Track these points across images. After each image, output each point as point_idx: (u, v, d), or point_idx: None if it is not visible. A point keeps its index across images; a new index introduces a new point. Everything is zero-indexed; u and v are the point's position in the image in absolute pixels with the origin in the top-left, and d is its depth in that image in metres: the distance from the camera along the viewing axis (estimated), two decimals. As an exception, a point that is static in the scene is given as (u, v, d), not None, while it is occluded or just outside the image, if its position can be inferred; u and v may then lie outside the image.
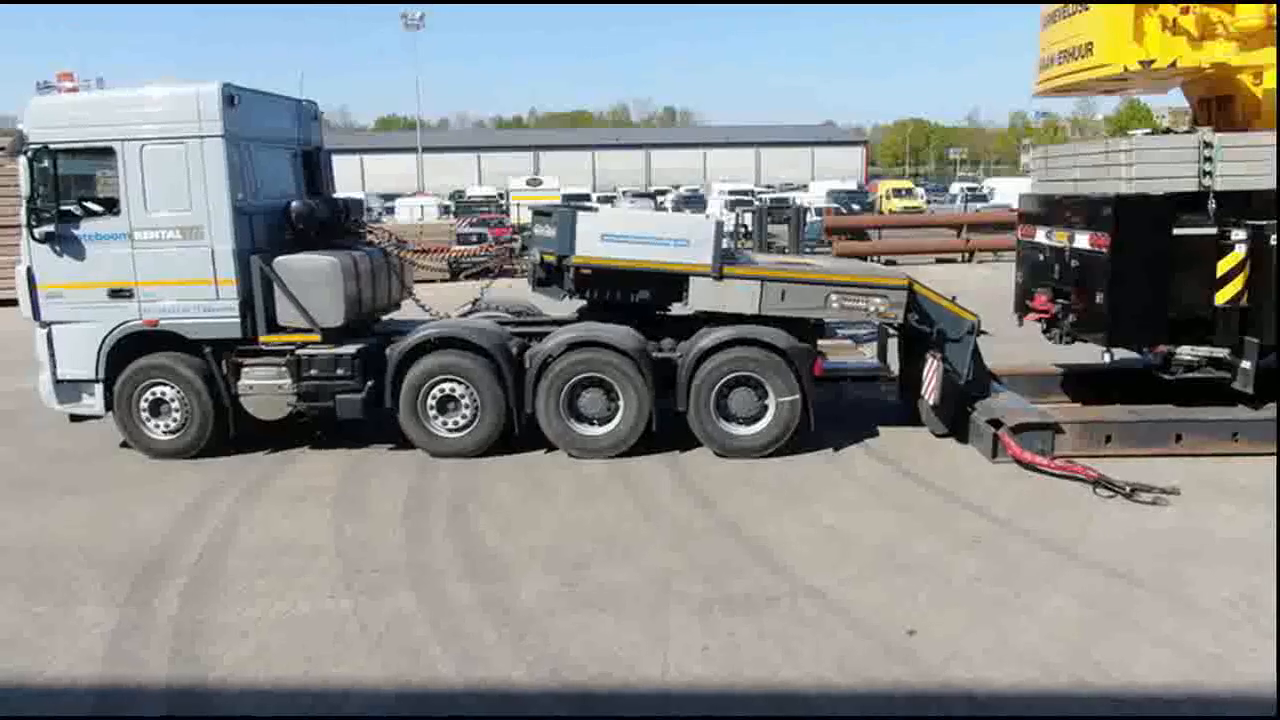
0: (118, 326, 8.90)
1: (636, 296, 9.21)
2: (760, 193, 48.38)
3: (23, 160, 8.75)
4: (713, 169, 77.72)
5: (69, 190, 9.05)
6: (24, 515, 7.77)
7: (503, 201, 45.77)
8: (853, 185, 57.04)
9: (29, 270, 8.89)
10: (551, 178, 45.85)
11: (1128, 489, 7.45)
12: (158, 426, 9.15)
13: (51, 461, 9.23)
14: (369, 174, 72.36)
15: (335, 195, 10.58)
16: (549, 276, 9.32)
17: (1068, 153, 9.63)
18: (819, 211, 26.23)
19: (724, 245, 9.24)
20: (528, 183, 43.52)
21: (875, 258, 27.05)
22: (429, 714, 4.88)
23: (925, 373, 8.99)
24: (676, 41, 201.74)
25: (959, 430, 9.21)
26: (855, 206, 40.73)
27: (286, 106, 10.00)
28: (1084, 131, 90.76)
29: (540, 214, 9.91)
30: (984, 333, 9.27)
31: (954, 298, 9.32)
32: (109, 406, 9.11)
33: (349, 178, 59.94)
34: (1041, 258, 9.62)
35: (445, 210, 39.36)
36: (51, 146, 8.68)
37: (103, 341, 8.92)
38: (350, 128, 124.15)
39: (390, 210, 41.19)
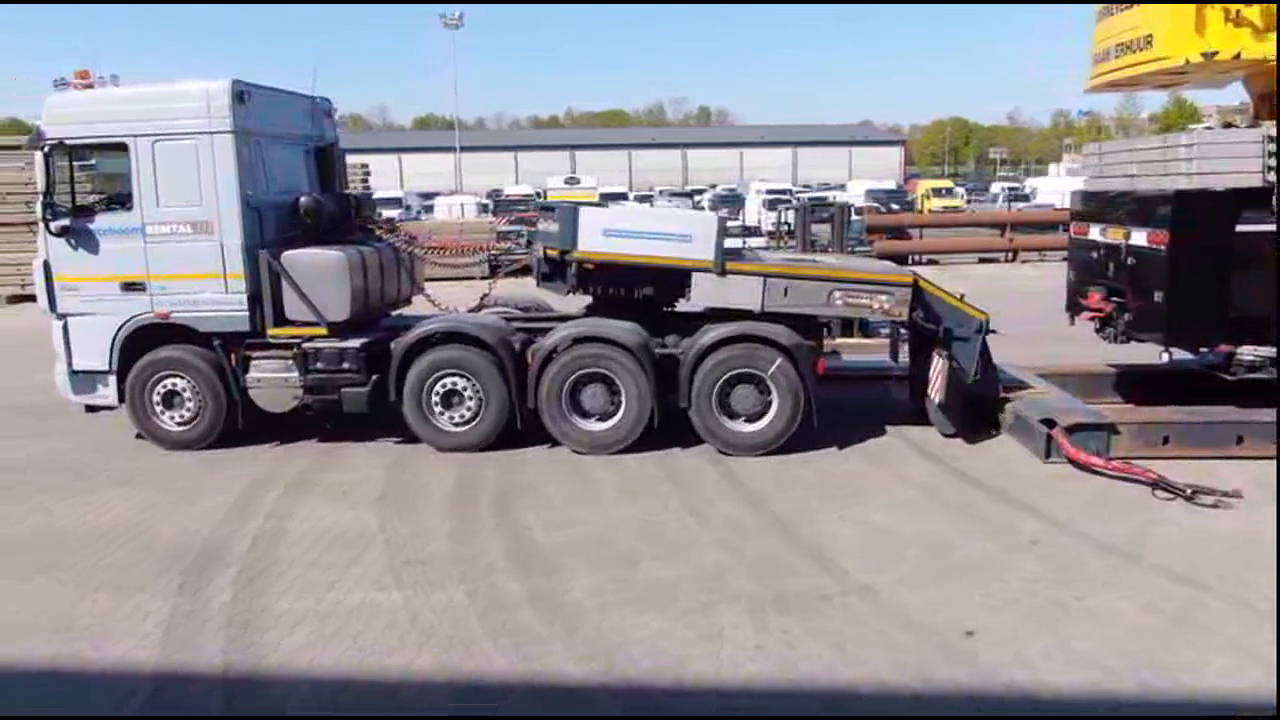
0: (131, 319, 9.05)
1: (639, 292, 9.19)
2: (797, 192, 48.10)
3: (39, 156, 8.92)
4: (749, 168, 77.42)
5: (84, 185, 9.19)
6: (81, 504, 7.87)
7: (540, 199, 45.87)
8: (891, 185, 56.51)
9: (46, 263, 9.06)
10: (589, 177, 45.84)
11: (1188, 492, 7.27)
12: (170, 418, 9.28)
13: (104, 453, 9.35)
14: (407, 172, 73.00)
15: (347, 191, 10.66)
16: (552, 271, 9.31)
17: (1124, 148, 9.44)
18: (858, 210, 25.97)
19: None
20: (565, 181, 43.57)
21: (917, 257, 26.83)
22: (482, 706, 4.86)
23: (931, 371, 8.90)
24: (713, 41, 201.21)
25: (973, 430, 9.10)
26: (894, 206, 40.29)
27: (299, 103, 10.07)
28: (1129, 130, 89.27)
29: (544, 209, 9.96)
30: (993, 331, 9.16)
31: (962, 295, 9.22)
32: (122, 398, 9.24)
33: (388, 176, 60.51)
34: (1095, 256, 9.43)
35: (483, 209, 39.51)
36: (67, 142, 8.85)
37: (116, 333, 9.08)
38: (389, 126, 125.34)
39: (429, 209, 41.43)
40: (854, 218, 20.03)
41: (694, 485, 8.07)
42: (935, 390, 8.89)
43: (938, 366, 8.84)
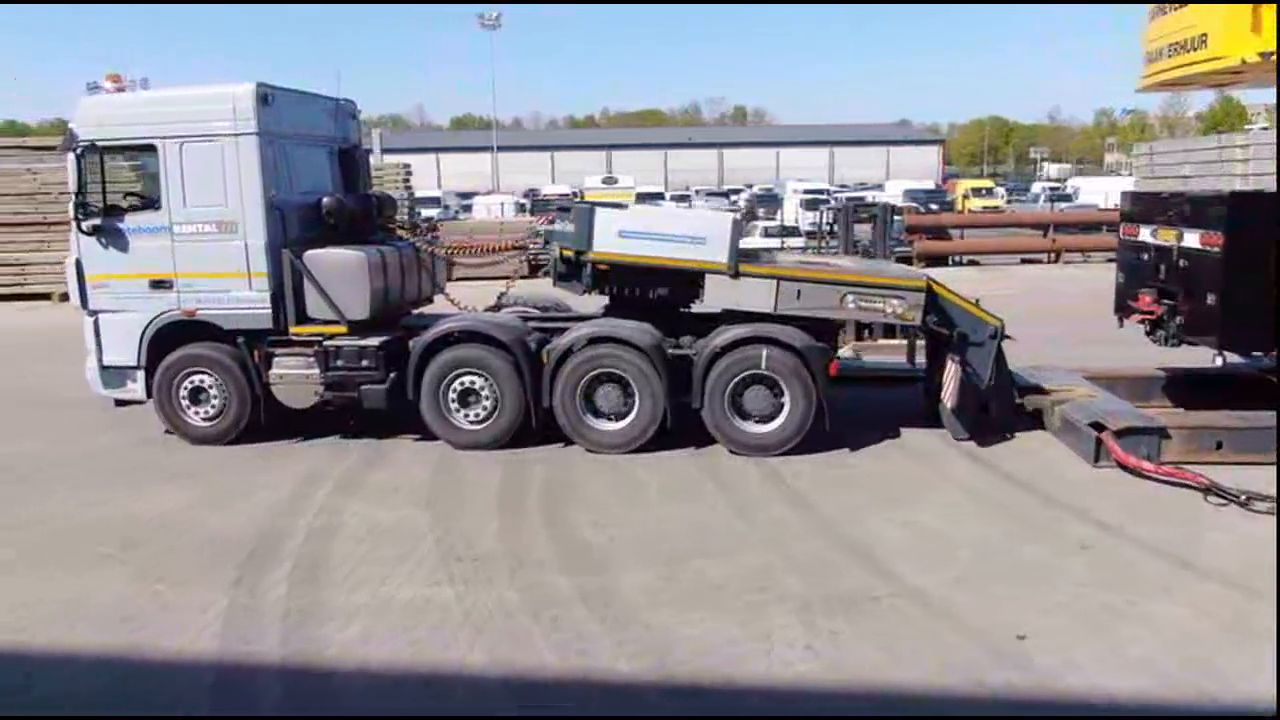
0: (158, 316, 9.27)
1: (654, 293, 9.24)
2: (835, 192, 47.81)
3: (71, 157, 9.14)
4: (785, 168, 77.02)
5: (114, 185, 9.39)
6: (138, 497, 8.06)
7: (578, 199, 46.03)
8: (930, 184, 55.98)
9: (78, 262, 9.30)
10: (627, 176, 45.98)
11: (1243, 497, 7.17)
12: (196, 413, 9.48)
13: (157, 447, 9.55)
14: (445, 172, 73.43)
15: (371, 191, 10.79)
16: (568, 271, 9.38)
17: (1176, 148, 9.33)
18: (897, 210, 25.77)
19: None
20: (604, 181, 43.76)
21: (957, 257, 26.61)
22: (536, 702, 4.92)
23: (945, 376, 8.88)
24: (749, 40, 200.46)
25: (984, 434, 9.09)
26: (933, 206, 39.93)
27: (323, 105, 10.23)
28: (1174, 130, 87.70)
29: (561, 209, 10.04)
30: (1008, 337, 9.12)
31: (977, 300, 9.19)
32: (149, 393, 9.45)
33: (426, 176, 60.99)
34: (1145, 257, 9.32)
35: (521, 208, 39.74)
36: (98, 144, 9.07)
37: (144, 330, 9.29)
38: (427, 126, 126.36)
39: (468, 208, 41.74)
40: (895, 218, 19.90)
41: (739, 486, 8.09)
42: (948, 394, 8.91)
43: (950, 371, 8.85)
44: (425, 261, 10.40)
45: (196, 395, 9.44)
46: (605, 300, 9.67)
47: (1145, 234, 9.30)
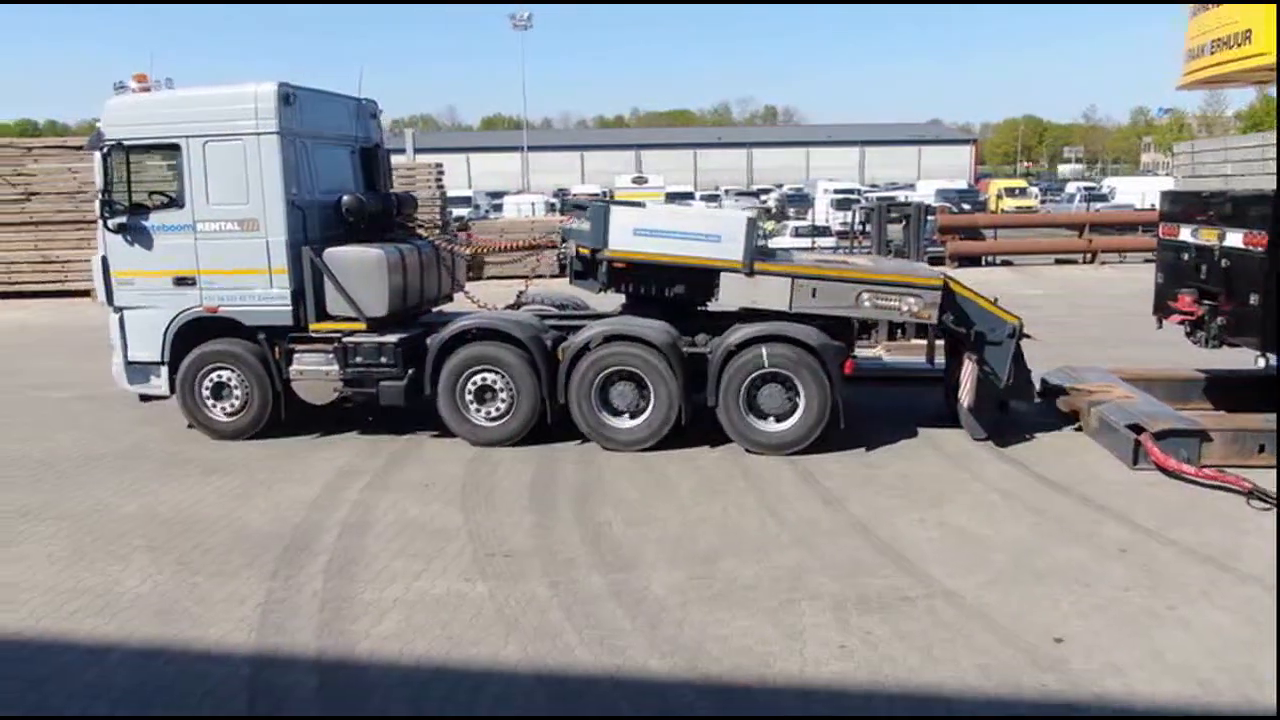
0: (182, 312, 9.40)
1: (670, 291, 9.23)
2: (865, 192, 47.55)
3: (97, 156, 9.28)
4: (815, 168, 76.72)
5: (140, 184, 9.51)
6: (177, 491, 8.17)
7: (607, 199, 46.09)
8: (962, 184, 55.49)
9: (104, 259, 9.45)
10: (656, 176, 45.94)
11: (1286, 501, 7.04)
12: (220, 408, 9.61)
13: (194, 441, 9.68)
14: (475, 172, 73.94)
15: (391, 190, 10.87)
16: (585, 270, 9.40)
17: (1217, 147, 9.17)
18: (931, 210, 25.58)
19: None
20: (634, 180, 43.72)
21: (990, 258, 26.35)
22: (568, 698, 4.93)
23: (962, 375, 8.83)
24: (779, 39, 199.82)
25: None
26: (966, 206, 39.62)
27: (345, 105, 10.31)
28: (1212, 129, 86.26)
29: (577, 208, 10.04)
30: (1027, 336, 9.05)
31: (995, 299, 9.10)
32: (173, 389, 9.59)
33: (456, 176, 61.32)
34: (1186, 257, 9.17)
35: (551, 208, 39.85)
36: (125, 143, 9.20)
37: (168, 326, 9.42)
38: (458, 127, 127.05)
39: (498, 208, 41.93)
40: (928, 218, 19.74)
41: (770, 485, 8.06)
42: (965, 394, 8.88)
43: (968, 370, 8.82)
44: (445, 260, 10.48)
45: (219, 391, 9.58)
46: (623, 299, 9.70)
47: (1185, 234, 9.15)
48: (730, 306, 9.10)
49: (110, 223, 9.32)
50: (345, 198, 9.65)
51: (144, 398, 9.95)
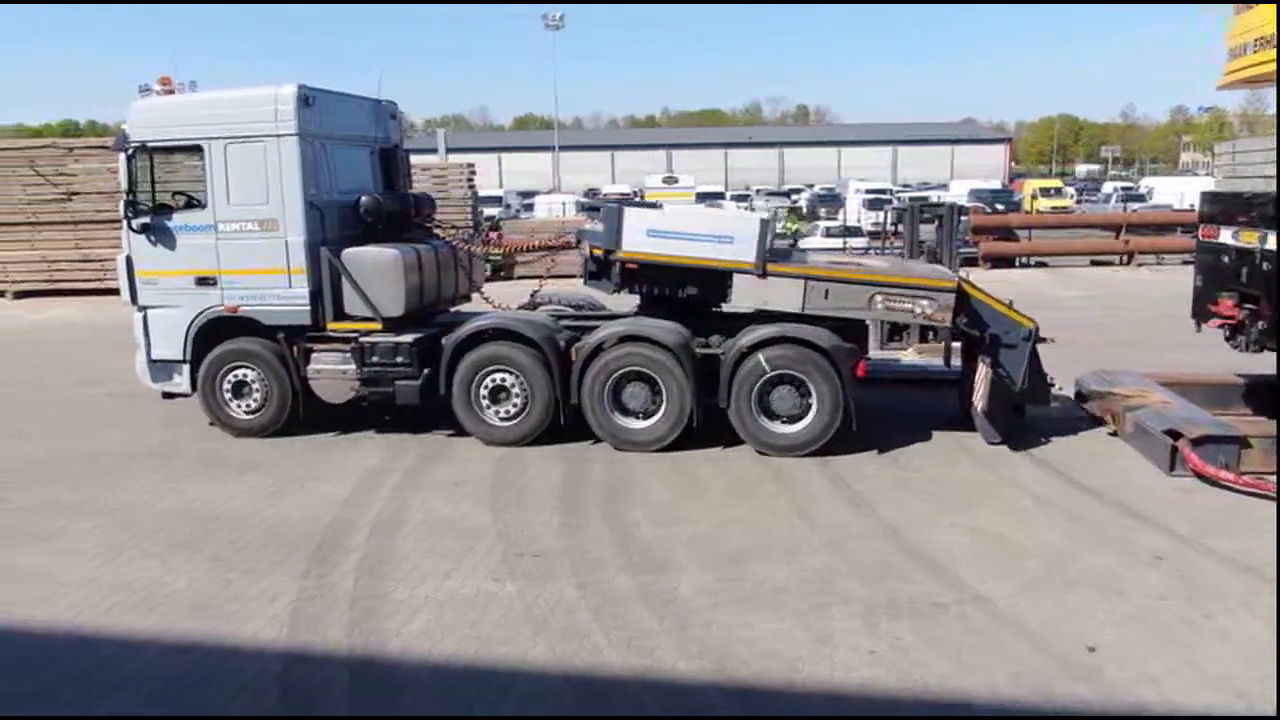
0: (203, 311, 9.52)
1: (683, 292, 9.23)
2: (897, 192, 47.17)
3: (122, 158, 9.43)
4: (847, 167, 76.22)
5: (164, 185, 9.64)
6: (211, 488, 8.29)
7: (638, 199, 46.11)
8: (996, 184, 54.90)
9: (128, 259, 9.60)
10: (687, 176, 45.91)
11: (1329, 509, 6.89)
12: (240, 406, 9.73)
13: (228, 440, 9.80)
14: (507, 171, 74.20)
15: (410, 191, 10.93)
16: (599, 270, 9.41)
17: (1260, 147, 8.99)
18: (964, 210, 25.32)
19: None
20: (664, 180, 43.76)
21: (1024, 259, 26.05)
22: (596, 699, 4.94)
23: (976, 378, 8.78)
24: (810, 38, 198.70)
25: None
26: (999, 206, 39.17)
27: (364, 106, 10.41)
28: (1254, 128, 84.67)
29: (591, 209, 10.04)
30: (1043, 340, 8.95)
31: (1010, 302, 9.02)
32: (194, 386, 9.72)
33: (488, 176, 61.64)
34: (1226, 260, 9.00)
35: (580, 208, 39.91)
36: (149, 145, 9.34)
37: (190, 325, 9.55)
38: (489, 127, 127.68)
39: (529, 207, 42.06)
40: (961, 218, 19.51)
41: (800, 487, 8.02)
42: (978, 397, 8.84)
43: (981, 373, 8.76)
44: (463, 260, 10.55)
45: (239, 389, 9.71)
46: (638, 299, 9.72)
47: (1226, 236, 8.99)
48: (743, 308, 9.11)
49: (134, 223, 9.48)
50: (363, 198, 9.75)
51: (166, 395, 10.12)
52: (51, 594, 6.19)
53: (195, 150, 9.32)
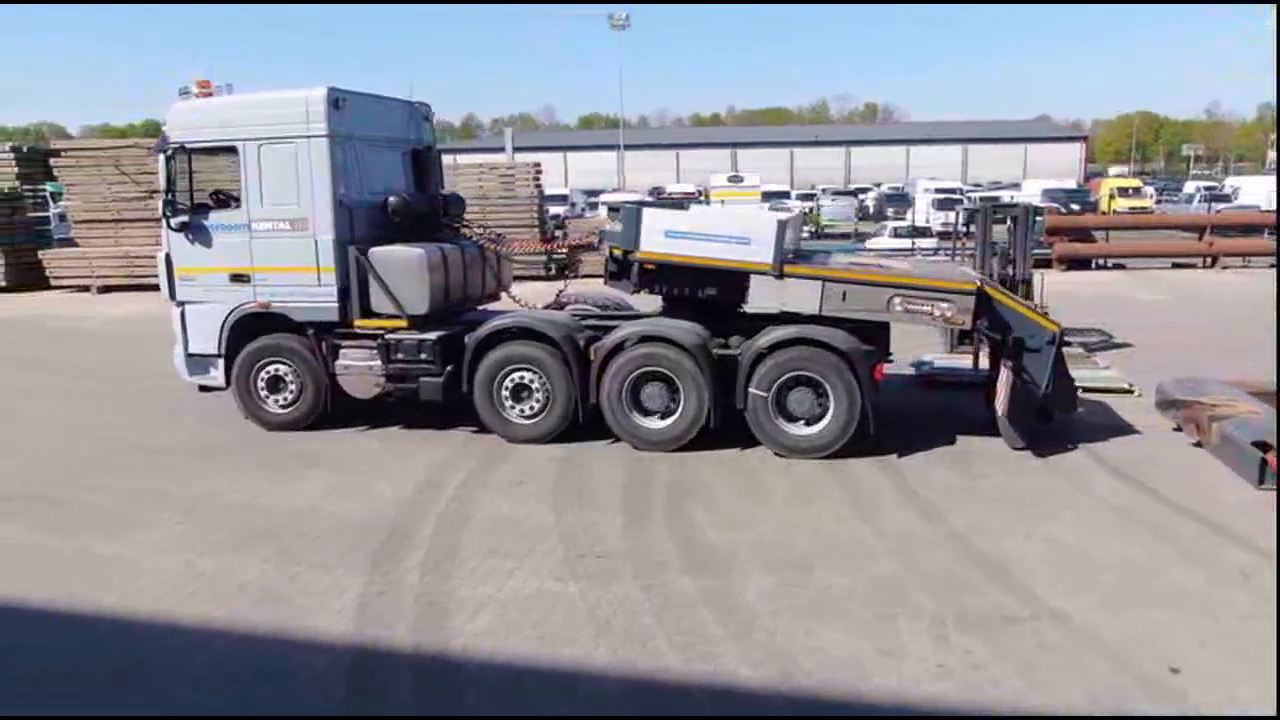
0: (237, 307, 9.77)
1: (702, 293, 9.18)
2: (968, 191, 46.21)
3: (161, 159, 9.71)
4: (915, 166, 74.90)
5: (201, 185, 9.92)
6: (278, 485, 8.44)
7: (702, 198, 45.94)
8: (1071, 183, 53.40)
9: (167, 256, 9.89)
10: (753, 175, 45.52)
11: None
12: (274, 401, 9.96)
13: (295, 435, 9.95)
14: (572, 170, 74.57)
15: (440, 191, 11.02)
16: (619, 270, 9.40)
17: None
18: (1039, 211, 24.62)
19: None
20: (729, 179, 43.42)
21: (1101, 261, 25.29)
22: (657, 702, 4.90)
23: (999, 382, 8.62)
24: (879, 34, 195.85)
25: (1041, 445, 8.76)
26: (1075, 206, 38.09)
27: (396, 108, 10.58)
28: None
29: (611, 210, 10.04)
30: (1068, 344, 8.67)
31: (1037, 306, 8.90)
32: (229, 381, 9.95)
33: (553, 174, 62.10)
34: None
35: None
36: (187, 146, 9.61)
37: (224, 321, 9.80)
38: (555, 126, 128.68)
39: (594, 206, 42.19)
40: (1036, 219, 19.01)
41: (867, 493, 7.88)
42: (1000, 402, 8.69)
43: (1004, 377, 8.63)
44: (490, 260, 10.65)
45: (274, 384, 9.95)
46: (662, 300, 9.71)
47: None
48: (764, 309, 9.06)
49: (173, 222, 9.76)
50: (391, 198, 9.89)
51: (203, 388, 10.41)
52: (129, 581, 6.37)
53: (231, 151, 9.57)
